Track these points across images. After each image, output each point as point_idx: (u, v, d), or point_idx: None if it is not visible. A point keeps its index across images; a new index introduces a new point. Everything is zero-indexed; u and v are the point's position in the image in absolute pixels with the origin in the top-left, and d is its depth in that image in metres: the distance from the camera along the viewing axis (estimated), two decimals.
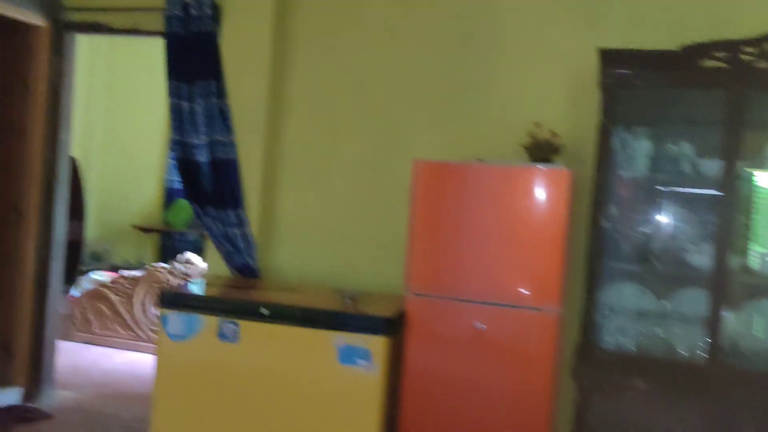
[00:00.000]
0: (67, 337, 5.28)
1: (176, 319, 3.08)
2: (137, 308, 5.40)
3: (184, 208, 7.05)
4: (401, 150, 3.52)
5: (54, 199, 4.09)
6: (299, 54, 3.70)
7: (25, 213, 4.02)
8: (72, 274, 5.21)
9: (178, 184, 7.22)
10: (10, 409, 3.91)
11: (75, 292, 5.49)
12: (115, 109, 7.29)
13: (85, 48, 4.90)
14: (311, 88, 3.70)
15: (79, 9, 3.97)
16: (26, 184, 4.01)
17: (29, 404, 4.03)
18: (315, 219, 3.69)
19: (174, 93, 3.67)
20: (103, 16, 3.93)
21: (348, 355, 2.89)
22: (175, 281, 5.34)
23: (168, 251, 7.09)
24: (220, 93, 3.62)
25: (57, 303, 4.23)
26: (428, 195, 3.00)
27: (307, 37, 3.70)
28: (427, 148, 3.43)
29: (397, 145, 3.56)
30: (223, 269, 3.67)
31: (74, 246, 5.09)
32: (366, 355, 2.87)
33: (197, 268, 5.39)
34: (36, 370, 4.12)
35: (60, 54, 4.02)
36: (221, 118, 3.62)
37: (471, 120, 3.45)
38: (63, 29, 4.01)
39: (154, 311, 5.35)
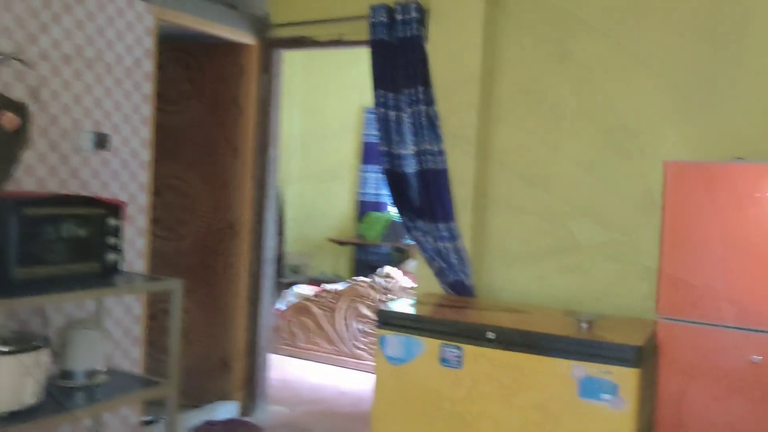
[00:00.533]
0: (273, 350, 5.37)
1: (395, 340, 2.89)
2: (339, 322, 5.37)
3: (377, 220, 7.04)
4: (636, 151, 3.10)
5: (264, 215, 4.13)
6: (511, 51, 3.40)
7: (239, 229, 4.10)
8: (274, 288, 5.30)
9: (370, 197, 7.26)
10: (228, 423, 3.97)
11: (280, 305, 5.59)
12: (310, 124, 7.46)
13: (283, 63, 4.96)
14: (525, 88, 3.38)
15: (285, 25, 3.98)
16: (239, 200, 4.09)
17: (246, 418, 4.08)
18: (533, 232, 3.36)
19: (380, 102, 3.53)
20: (308, 30, 3.90)
21: (590, 389, 2.52)
22: (376, 296, 5.25)
23: (361, 264, 7.12)
24: (428, 100, 3.42)
25: (268, 318, 4.27)
26: (683, 201, 2.55)
27: (519, 30, 3.38)
28: (670, 147, 2.98)
29: (632, 145, 3.13)
30: (434, 286, 3.46)
31: (276, 260, 5.17)
32: (612, 390, 2.48)
33: (397, 282, 5.25)
34: (250, 384, 4.17)
35: (268, 71, 4.06)
36: (430, 126, 3.42)
37: (725, 112, 2.93)
38: (270, 46, 4.04)
39: (356, 326, 5.30)
